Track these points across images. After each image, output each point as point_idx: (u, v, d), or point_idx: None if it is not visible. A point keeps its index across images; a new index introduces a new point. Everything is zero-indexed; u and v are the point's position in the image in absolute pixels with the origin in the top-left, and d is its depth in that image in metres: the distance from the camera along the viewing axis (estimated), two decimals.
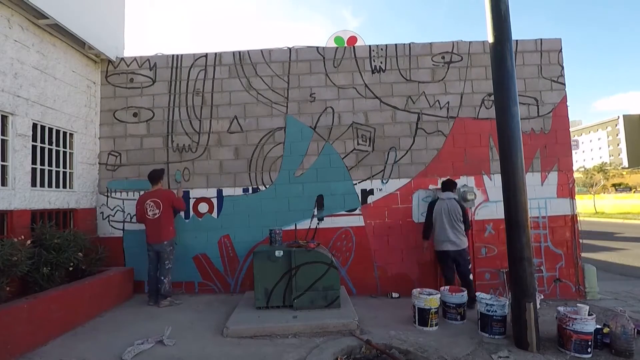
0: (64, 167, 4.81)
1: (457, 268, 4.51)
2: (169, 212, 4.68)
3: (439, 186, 5.01)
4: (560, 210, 5.17)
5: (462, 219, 4.49)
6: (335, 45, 6.08)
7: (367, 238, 5.14)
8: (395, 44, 5.40)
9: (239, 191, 5.23)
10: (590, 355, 3.09)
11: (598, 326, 3.25)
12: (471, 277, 4.50)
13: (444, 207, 4.53)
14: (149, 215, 4.62)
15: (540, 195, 5.15)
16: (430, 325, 3.72)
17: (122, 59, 5.45)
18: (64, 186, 4.78)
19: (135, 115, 5.36)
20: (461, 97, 5.31)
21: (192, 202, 5.23)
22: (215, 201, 5.22)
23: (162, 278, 4.58)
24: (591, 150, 77.63)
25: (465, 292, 4.05)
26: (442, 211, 4.53)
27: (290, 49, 5.40)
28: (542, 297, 4.24)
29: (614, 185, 38.30)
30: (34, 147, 4.24)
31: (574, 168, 5.72)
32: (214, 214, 5.21)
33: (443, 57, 5.37)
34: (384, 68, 5.35)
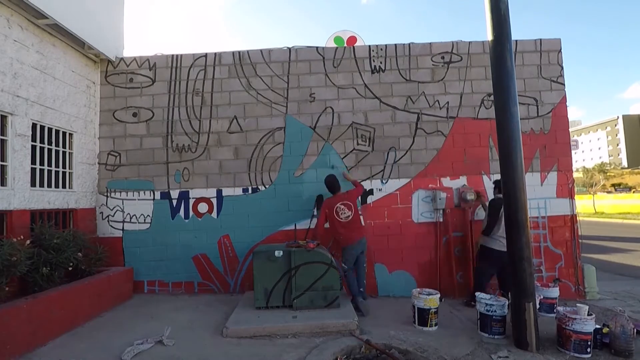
0: (64, 167, 4.80)
1: (503, 270, 4.38)
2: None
3: (442, 185, 5.04)
4: (560, 210, 5.17)
5: None
6: (335, 45, 6.08)
7: (366, 238, 5.12)
8: (395, 44, 5.40)
9: (238, 191, 5.22)
10: (589, 355, 3.09)
11: (597, 326, 3.25)
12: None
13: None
14: (341, 219, 4.52)
15: (539, 195, 5.15)
16: (430, 325, 3.72)
17: (122, 59, 5.45)
18: (64, 186, 4.78)
19: (134, 115, 5.36)
20: (461, 97, 5.31)
21: (191, 202, 5.23)
22: (214, 201, 5.22)
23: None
24: (590, 150, 77.68)
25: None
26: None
27: (289, 49, 5.40)
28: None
29: (613, 185, 38.32)
30: (33, 147, 4.23)
31: (574, 168, 5.73)
32: (214, 214, 5.21)
33: (443, 57, 5.37)
34: (383, 68, 5.35)
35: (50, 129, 4.55)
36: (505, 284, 4.39)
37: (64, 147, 4.81)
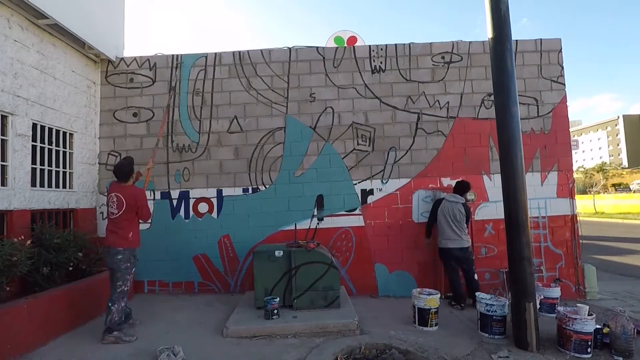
0: (64, 167, 4.80)
1: (461, 267, 4.56)
2: (132, 215, 3.64)
3: (442, 185, 5.08)
4: (560, 210, 5.17)
5: (465, 220, 4.54)
6: (335, 45, 6.08)
7: (367, 238, 5.14)
8: (395, 44, 5.40)
9: (238, 191, 5.23)
10: (590, 355, 3.09)
11: (598, 326, 3.26)
12: (476, 277, 4.53)
13: (447, 209, 4.57)
14: (109, 214, 3.67)
15: (540, 195, 5.15)
16: (430, 325, 3.73)
17: (122, 59, 5.45)
18: (64, 186, 4.78)
19: (135, 115, 5.36)
20: (461, 97, 5.31)
21: (192, 202, 5.23)
22: (215, 201, 5.22)
23: (109, 305, 3.43)
24: (591, 150, 77.62)
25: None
26: (445, 212, 4.58)
27: (290, 49, 5.40)
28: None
29: (613, 185, 38.30)
30: (33, 147, 4.23)
31: (574, 168, 5.73)
32: (214, 214, 5.21)
33: (443, 57, 5.37)
34: (383, 68, 5.35)
35: (50, 129, 4.55)
36: (465, 279, 4.58)
37: (64, 147, 4.81)
